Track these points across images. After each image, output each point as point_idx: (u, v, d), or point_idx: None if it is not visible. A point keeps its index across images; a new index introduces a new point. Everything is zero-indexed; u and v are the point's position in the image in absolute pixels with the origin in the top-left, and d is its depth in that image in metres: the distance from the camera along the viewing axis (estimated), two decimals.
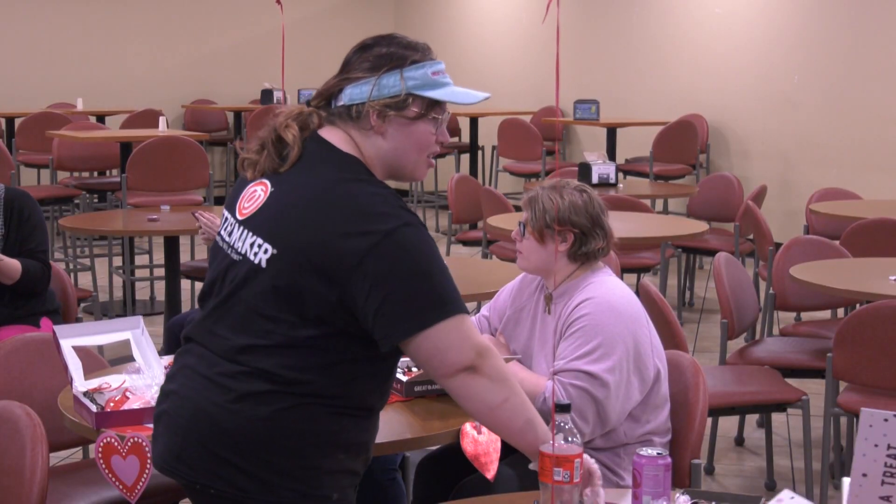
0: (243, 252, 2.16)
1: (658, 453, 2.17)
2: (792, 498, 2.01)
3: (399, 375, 2.94)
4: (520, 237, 3.11)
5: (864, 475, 1.90)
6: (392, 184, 2.27)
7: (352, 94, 2.19)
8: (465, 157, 11.10)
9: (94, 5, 11.90)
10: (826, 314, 6.07)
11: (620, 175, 7.95)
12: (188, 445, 2.15)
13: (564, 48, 10.74)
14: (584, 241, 3.04)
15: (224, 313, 2.17)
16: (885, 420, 1.92)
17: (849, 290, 4.33)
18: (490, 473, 2.67)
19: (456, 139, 11.54)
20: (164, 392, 2.26)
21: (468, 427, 2.69)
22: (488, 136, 10.93)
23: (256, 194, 2.21)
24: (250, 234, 2.16)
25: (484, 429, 2.69)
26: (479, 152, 11.09)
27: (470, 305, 7.41)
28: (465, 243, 7.90)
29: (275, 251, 2.11)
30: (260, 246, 2.13)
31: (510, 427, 2.16)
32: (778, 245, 5.35)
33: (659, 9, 10.24)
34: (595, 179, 7.13)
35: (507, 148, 10.31)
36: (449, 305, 2.09)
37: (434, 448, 3.24)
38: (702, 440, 3.03)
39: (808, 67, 8.97)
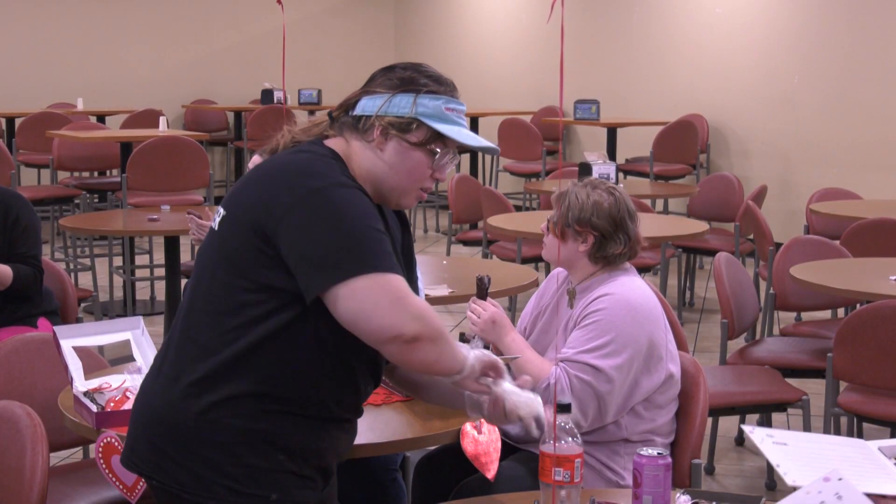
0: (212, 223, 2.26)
1: (658, 453, 2.17)
2: (753, 429, 2.09)
3: None
4: (546, 231, 3.14)
5: None
6: None
7: (365, 105, 2.23)
8: (466, 157, 11.10)
9: (94, 5, 11.91)
10: (826, 314, 6.07)
11: (621, 175, 7.96)
12: (139, 439, 2.20)
13: (565, 48, 10.74)
14: (603, 244, 3.03)
15: (187, 287, 2.26)
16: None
17: (849, 290, 4.33)
18: (490, 473, 2.67)
19: None
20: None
21: (468, 427, 2.69)
22: (488, 136, 10.89)
23: None
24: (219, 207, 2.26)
25: (484, 428, 2.69)
26: (480, 152, 11.09)
27: None
28: (466, 243, 7.90)
29: (224, 213, 2.19)
30: (218, 212, 2.22)
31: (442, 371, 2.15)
32: (778, 245, 5.35)
33: (659, 9, 10.24)
34: None
35: (507, 148, 10.31)
36: (370, 261, 2.05)
37: (434, 448, 3.24)
38: (702, 440, 3.02)
39: (808, 67, 8.97)
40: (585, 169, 7.25)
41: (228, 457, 2.12)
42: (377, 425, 2.76)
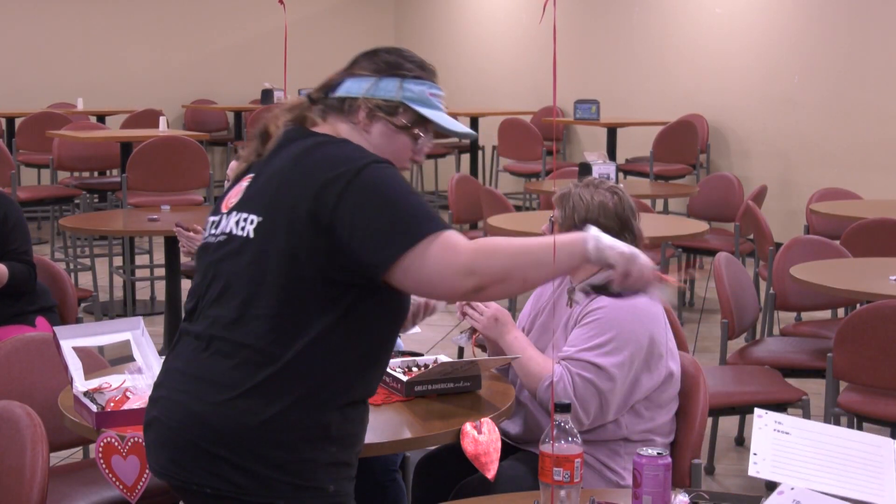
0: (228, 231, 2.19)
1: (658, 453, 2.17)
2: (766, 413, 2.07)
3: (399, 375, 2.94)
4: (548, 232, 3.13)
5: None
6: None
7: (349, 87, 2.25)
8: (466, 157, 11.10)
9: (94, 5, 11.91)
10: (826, 314, 6.07)
11: (621, 175, 7.96)
12: (181, 447, 2.15)
13: (565, 48, 10.75)
14: None
15: (208, 294, 2.20)
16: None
17: (849, 290, 4.33)
18: (490, 473, 2.67)
19: (456, 139, 11.53)
20: (153, 399, 2.24)
21: (468, 427, 2.69)
22: (488, 136, 10.93)
23: (241, 187, 2.26)
24: (234, 214, 2.20)
25: (484, 428, 2.69)
26: (480, 152, 11.09)
27: None
28: None
29: (260, 219, 2.15)
30: (245, 219, 2.17)
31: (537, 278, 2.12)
32: (778, 245, 5.35)
33: (659, 9, 10.24)
34: None
35: (507, 148, 10.31)
36: (426, 224, 2.07)
37: (434, 448, 3.24)
38: (702, 440, 3.03)
39: (808, 67, 8.97)
40: (585, 169, 7.25)
41: (290, 453, 2.13)
42: (377, 425, 2.76)
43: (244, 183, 2.26)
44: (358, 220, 2.07)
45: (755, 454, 2.06)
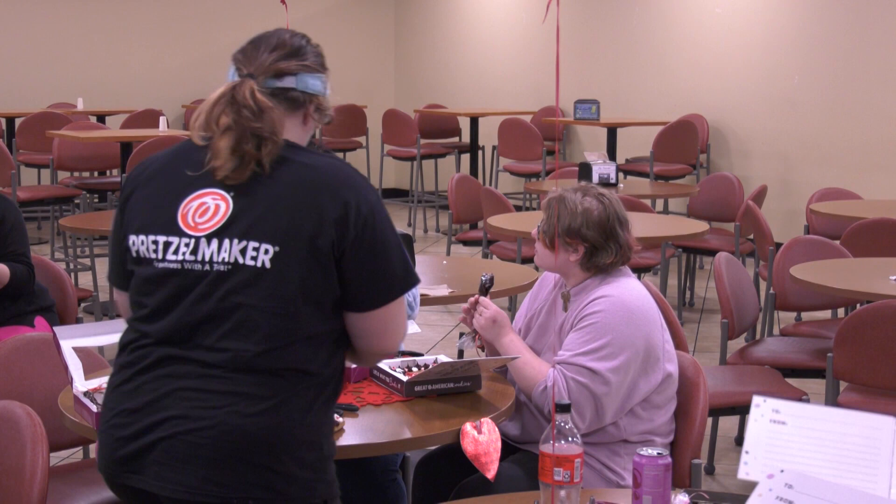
0: (232, 261, 2.12)
1: (658, 453, 2.17)
2: (765, 401, 2.04)
3: (399, 375, 2.94)
4: (536, 237, 3.13)
5: None
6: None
7: (307, 83, 2.23)
8: (466, 157, 11.10)
9: (94, 5, 11.90)
10: (826, 314, 6.06)
11: (621, 175, 7.95)
12: (219, 463, 2.09)
13: (565, 48, 10.75)
14: (594, 253, 3.02)
15: (216, 326, 2.11)
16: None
17: (849, 290, 4.33)
18: (490, 473, 2.67)
19: (456, 139, 11.54)
20: (156, 420, 2.12)
21: (468, 427, 2.69)
22: (488, 136, 10.92)
23: (209, 206, 2.16)
24: (235, 241, 2.12)
25: (484, 428, 2.69)
26: (480, 152, 11.09)
27: None
28: (466, 243, 7.90)
29: (277, 248, 2.11)
30: (256, 249, 2.11)
31: None
32: (778, 245, 5.35)
33: (659, 9, 10.24)
34: (595, 179, 7.12)
35: (507, 148, 10.31)
36: (413, 277, 2.23)
37: (434, 448, 3.24)
38: (702, 440, 3.03)
39: (808, 68, 8.97)
40: (585, 169, 7.25)
41: (318, 451, 2.18)
42: (377, 425, 2.76)
43: (210, 202, 2.16)
44: (370, 256, 2.15)
45: (747, 452, 2.05)
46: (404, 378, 2.92)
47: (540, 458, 2.16)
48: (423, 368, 3.04)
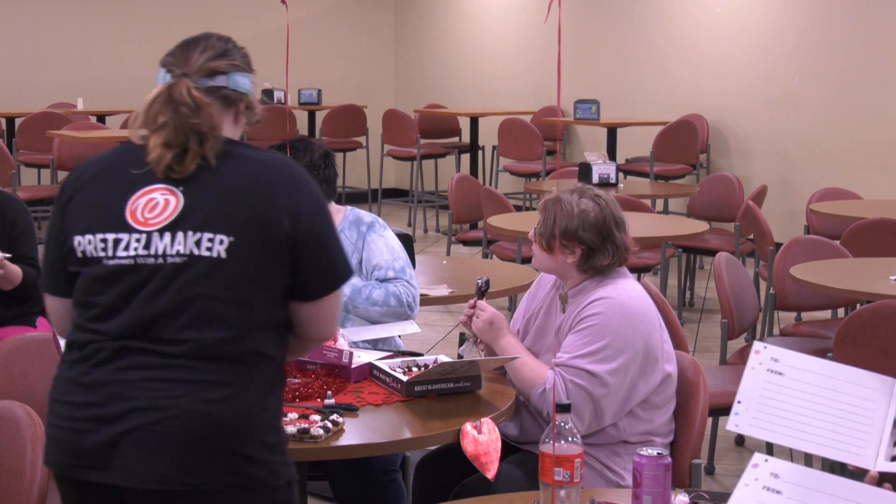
0: (187, 253, 2.15)
1: (658, 453, 2.17)
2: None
3: (399, 375, 2.94)
4: (532, 239, 3.13)
5: None
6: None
7: (238, 82, 2.30)
8: (466, 157, 11.10)
9: (94, 5, 11.91)
10: (826, 314, 6.06)
11: (621, 175, 7.95)
12: (189, 450, 2.11)
13: (565, 48, 10.74)
14: (591, 255, 3.01)
15: (175, 318, 2.14)
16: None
17: (849, 290, 4.33)
18: (490, 473, 2.67)
19: (456, 139, 11.54)
20: (120, 412, 2.12)
21: (468, 427, 2.69)
22: (488, 136, 10.92)
23: (159, 201, 2.19)
24: (190, 233, 2.16)
25: (484, 428, 2.69)
26: (480, 152, 11.09)
27: None
28: (466, 243, 7.90)
29: (232, 239, 2.16)
30: (211, 240, 2.15)
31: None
32: (778, 245, 5.35)
33: (659, 9, 10.24)
34: (595, 179, 7.13)
35: (507, 148, 10.31)
36: (349, 266, 2.31)
37: (434, 448, 3.24)
38: (702, 440, 3.03)
39: (808, 68, 8.97)
40: (585, 169, 7.25)
41: (279, 434, 2.24)
42: (377, 425, 2.77)
43: (159, 198, 2.19)
44: (320, 244, 2.23)
45: (739, 402, 1.99)
46: (404, 378, 2.92)
47: (540, 458, 2.16)
48: (423, 368, 3.04)
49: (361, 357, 3.12)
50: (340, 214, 3.73)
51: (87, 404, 2.15)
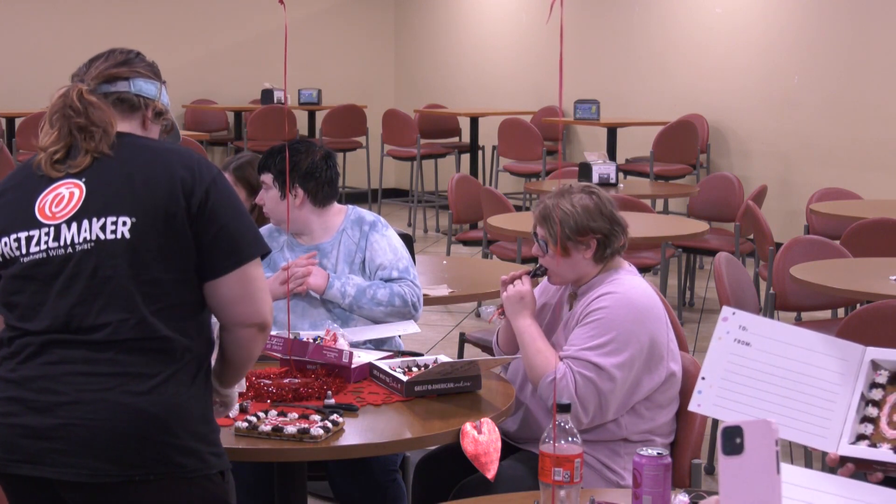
0: (93, 238, 2.22)
1: (658, 453, 2.17)
2: (734, 314, 1.99)
3: (399, 375, 2.94)
4: (541, 253, 3.12)
5: None
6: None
7: (141, 87, 2.39)
8: (466, 157, 11.10)
9: (94, 5, 11.91)
10: (826, 314, 6.07)
11: (621, 175, 7.95)
12: (119, 443, 2.17)
13: (565, 48, 10.72)
14: (607, 242, 3.05)
15: (92, 303, 2.20)
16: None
17: (849, 290, 4.33)
18: (490, 473, 2.67)
19: (456, 139, 11.54)
20: (49, 406, 2.17)
21: (468, 427, 2.69)
22: (488, 136, 10.92)
23: (64, 195, 2.26)
24: (94, 220, 2.23)
25: (484, 428, 2.69)
26: (480, 152, 11.10)
27: (470, 305, 7.42)
28: (466, 243, 7.90)
29: (133, 219, 2.22)
30: (115, 223, 2.22)
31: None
32: (778, 245, 5.35)
33: (659, 9, 10.25)
34: (595, 179, 7.13)
35: (507, 148, 10.31)
36: (262, 246, 2.32)
37: (434, 448, 3.24)
38: (702, 440, 3.03)
39: (808, 67, 8.97)
40: (586, 169, 7.25)
41: (209, 424, 2.29)
42: (377, 425, 2.77)
43: (65, 192, 2.26)
44: (217, 220, 2.25)
45: (703, 378, 1.97)
46: (404, 378, 2.92)
47: (540, 458, 2.16)
48: (423, 368, 3.04)
49: (361, 357, 3.12)
50: (342, 214, 3.73)
51: (16, 400, 2.20)
